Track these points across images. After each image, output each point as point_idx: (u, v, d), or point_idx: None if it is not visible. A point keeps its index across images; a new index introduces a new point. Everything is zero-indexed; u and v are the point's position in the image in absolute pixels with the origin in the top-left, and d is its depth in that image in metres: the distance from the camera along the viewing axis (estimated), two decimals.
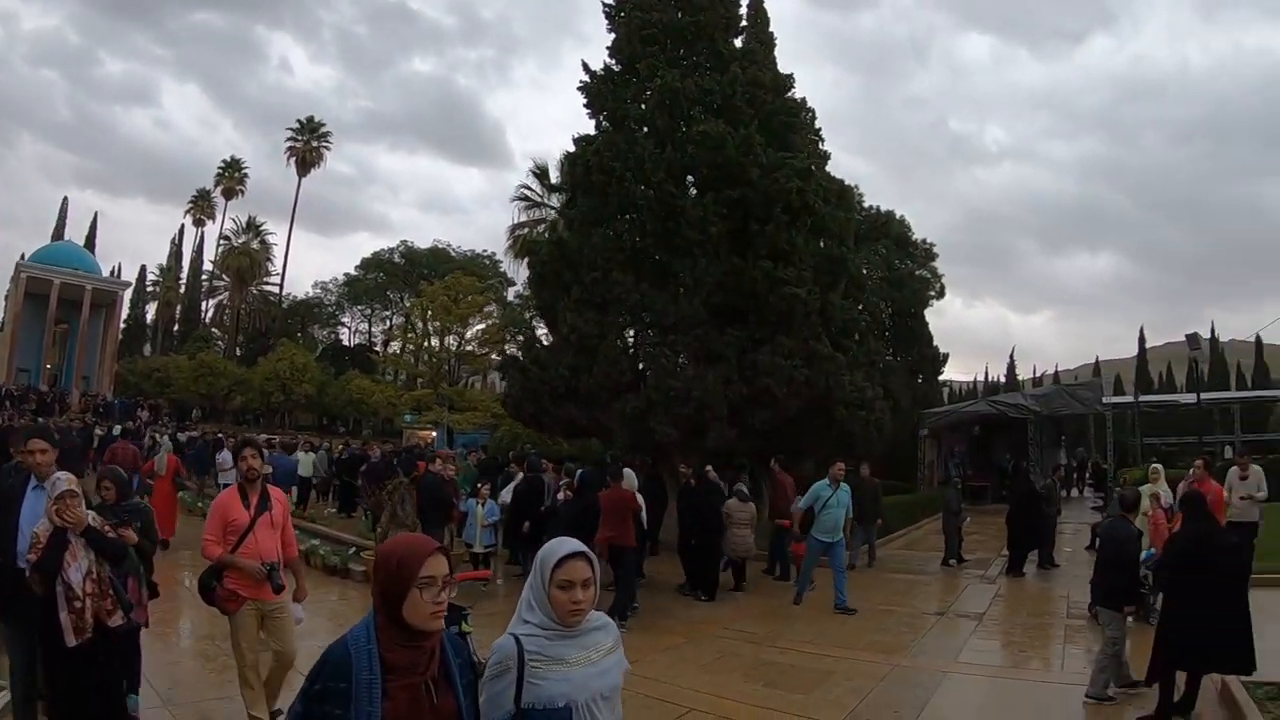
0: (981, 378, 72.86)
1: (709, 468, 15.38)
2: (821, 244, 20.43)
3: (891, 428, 25.00)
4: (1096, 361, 74.81)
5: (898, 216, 38.86)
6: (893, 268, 36.33)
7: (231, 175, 75.38)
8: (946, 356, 38.20)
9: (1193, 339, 23.33)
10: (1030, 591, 14.85)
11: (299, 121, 72.41)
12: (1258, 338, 57.94)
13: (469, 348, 51.78)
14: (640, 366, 19.36)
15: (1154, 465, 14.11)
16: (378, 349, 71.55)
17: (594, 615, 3.20)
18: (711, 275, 18.03)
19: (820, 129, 27.46)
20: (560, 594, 3.07)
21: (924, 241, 39.97)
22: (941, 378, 43.63)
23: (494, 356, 46.50)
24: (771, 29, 23.30)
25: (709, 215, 18.17)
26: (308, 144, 71.60)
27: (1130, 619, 8.47)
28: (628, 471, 13.13)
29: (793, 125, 21.87)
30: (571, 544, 3.16)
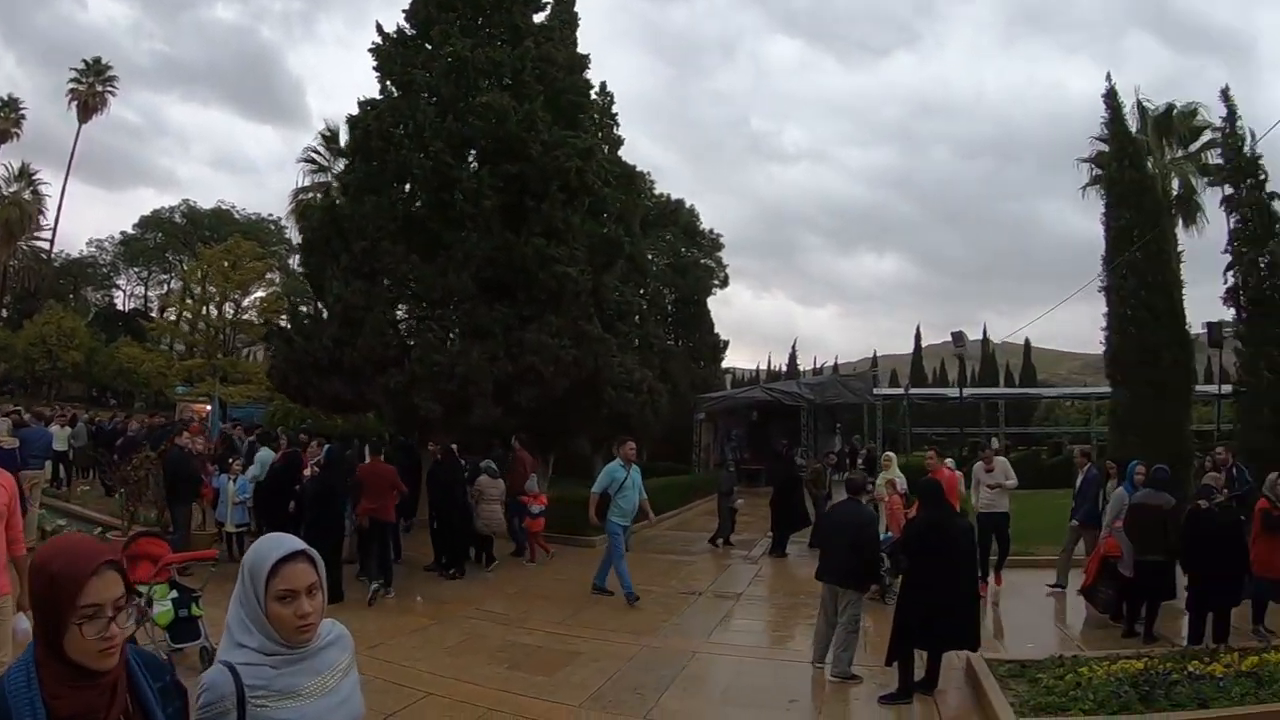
0: (764, 366, 74.95)
1: (454, 445, 15.03)
2: (607, 230, 20.32)
3: (670, 411, 25.24)
4: (874, 355, 78.47)
5: (687, 206, 39.66)
6: (679, 255, 36.92)
7: (7, 116, 68.37)
8: (727, 343, 39.37)
9: (958, 337, 24.44)
10: (790, 572, 15.15)
11: (84, 62, 66.68)
12: (1026, 341, 62.66)
13: (247, 316, 49.39)
14: (408, 341, 18.70)
15: (887, 453, 14.60)
16: (154, 315, 67.32)
17: (325, 627, 2.59)
18: (482, 249, 17.59)
19: (617, 114, 27.67)
20: (281, 608, 2.46)
21: (711, 231, 41.15)
22: (725, 364, 45.05)
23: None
24: (576, 9, 23.10)
25: (484, 188, 17.76)
26: (91, 87, 66.04)
27: (869, 597, 8.67)
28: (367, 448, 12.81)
29: (582, 105, 21.74)
30: (288, 543, 2.55)
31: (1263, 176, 19.16)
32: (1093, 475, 13.12)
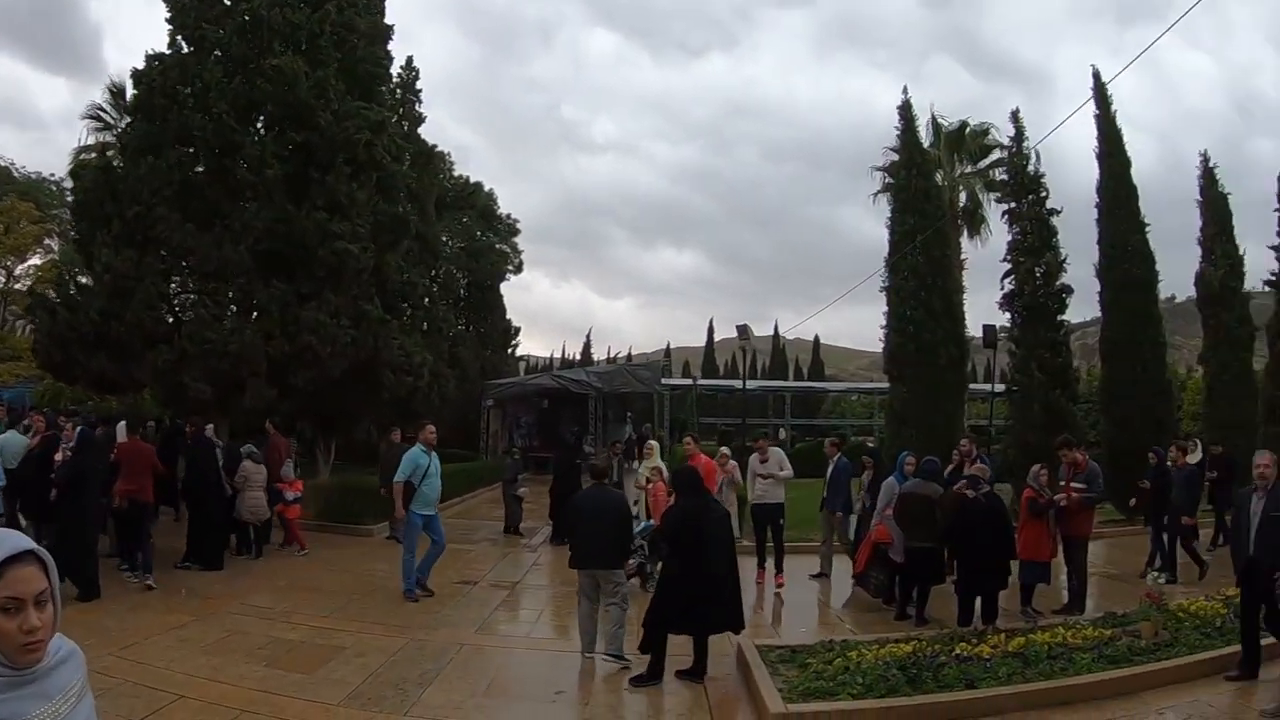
0: (559, 354, 75.19)
1: (210, 425, 14.34)
2: (400, 209, 19.80)
3: (459, 396, 24.94)
4: (668, 346, 79.59)
5: (486, 189, 39.31)
6: (475, 239, 36.59)
7: None
8: (519, 330, 39.57)
9: (743, 330, 24.97)
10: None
11: None
12: (816, 338, 65.35)
13: (19, 286, 45.44)
14: (182, 316, 17.83)
15: (649, 442, 14.65)
16: None
17: (54, 644, 2.09)
18: (262, 221, 16.84)
19: (421, 90, 27.00)
20: (4, 620, 1.99)
21: (508, 216, 41.02)
22: (521, 352, 45.17)
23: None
24: None
25: (267, 156, 17.04)
26: None
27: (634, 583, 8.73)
28: (121, 425, 12.06)
29: (379, 76, 21.18)
30: (12, 541, 2.04)
31: (1044, 194, 20.44)
32: (843, 465, 13.50)
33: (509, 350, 40.18)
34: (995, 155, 30.50)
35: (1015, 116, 21.24)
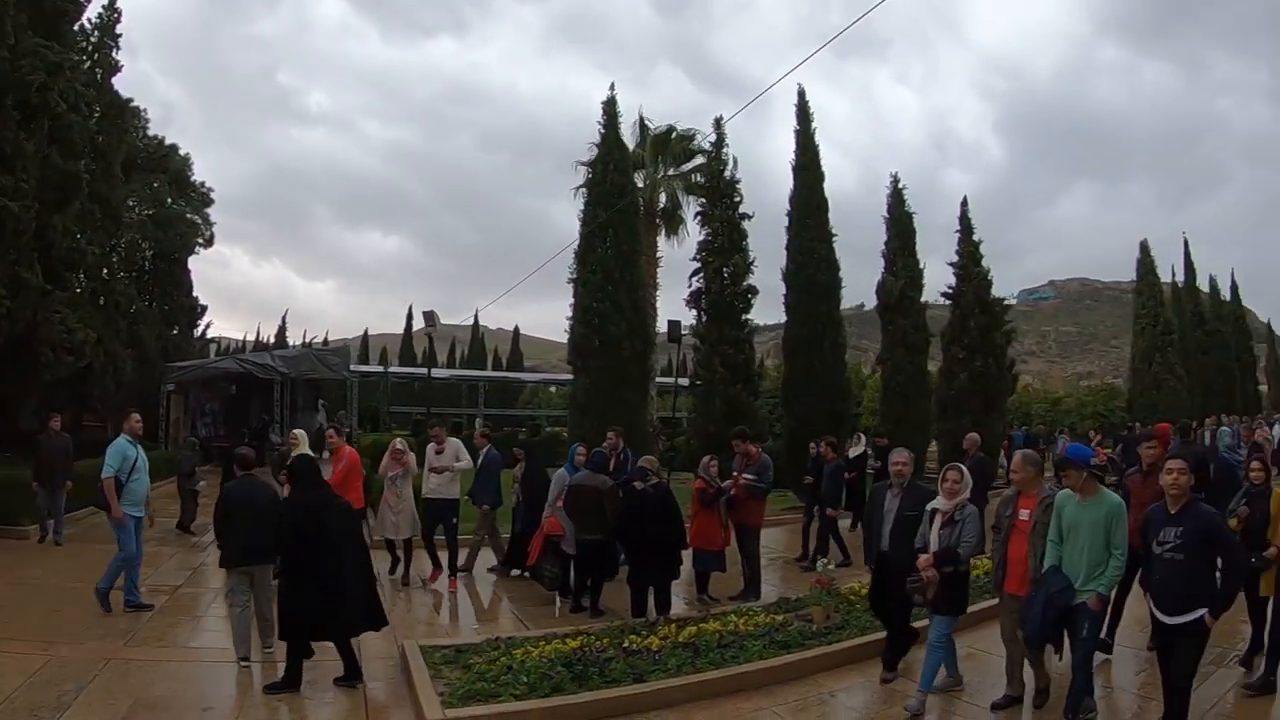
0: (253, 336, 72.19)
1: None
2: (81, 164, 17.98)
3: (138, 379, 23.73)
4: (366, 333, 78.32)
5: (181, 153, 36.41)
6: (165, 206, 33.93)
7: None
8: (205, 308, 36.91)
9: (429, 317, 24.98)
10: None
11: None
12: (516, 328, 67.13)
13: None
14: None
15: (295, 431, 13.86)
16: None
17: None
18: None
19: (121, 35, 25.00)
20: None
21: (203, 185, 38.09)
22: (214, 333, 42.95)
23: None
24: None
25: None
26: None
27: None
28: None
29: (69, 13, 19.29)
30: None
31: (738, 199, 21.94)
32: (493, 456, 13.16)
33: (196, 330, 37.39)
34: (698, 160, 31.37)
35: (718, 124, 22.67)
